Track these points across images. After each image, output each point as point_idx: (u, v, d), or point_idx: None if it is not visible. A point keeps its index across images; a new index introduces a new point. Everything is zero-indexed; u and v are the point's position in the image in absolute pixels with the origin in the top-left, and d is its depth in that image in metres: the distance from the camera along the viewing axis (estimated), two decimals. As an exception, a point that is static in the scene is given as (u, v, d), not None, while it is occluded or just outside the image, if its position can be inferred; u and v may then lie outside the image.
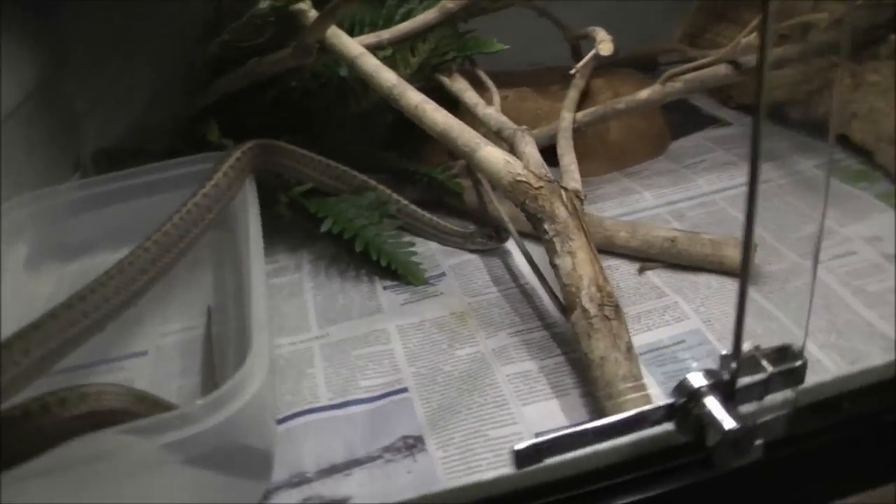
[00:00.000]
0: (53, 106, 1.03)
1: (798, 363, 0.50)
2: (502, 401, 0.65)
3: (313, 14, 0.88)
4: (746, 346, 0.48)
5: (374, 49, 0.89)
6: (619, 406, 0.58)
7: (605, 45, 0.93)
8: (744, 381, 0.49)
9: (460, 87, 0.96)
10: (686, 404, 0.50)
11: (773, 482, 0.57)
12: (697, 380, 0.50)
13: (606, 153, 1.05)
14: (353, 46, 0.85)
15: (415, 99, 0.80)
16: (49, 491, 0.48)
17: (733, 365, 0.48)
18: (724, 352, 0.49)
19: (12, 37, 0.92)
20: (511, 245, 0.86)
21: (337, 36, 0.86)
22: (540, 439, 0.46)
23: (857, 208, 0.86)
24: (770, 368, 0.49)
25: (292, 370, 0.72)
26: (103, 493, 0.50)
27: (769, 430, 0.50)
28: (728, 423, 0.48)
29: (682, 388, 0.50)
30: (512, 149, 0.78)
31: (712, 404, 0.49)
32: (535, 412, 0.64)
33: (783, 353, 0.50)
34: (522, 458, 0.46)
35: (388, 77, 0.82)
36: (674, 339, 0.71)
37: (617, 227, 0.83)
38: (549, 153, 0.86)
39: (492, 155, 0.73)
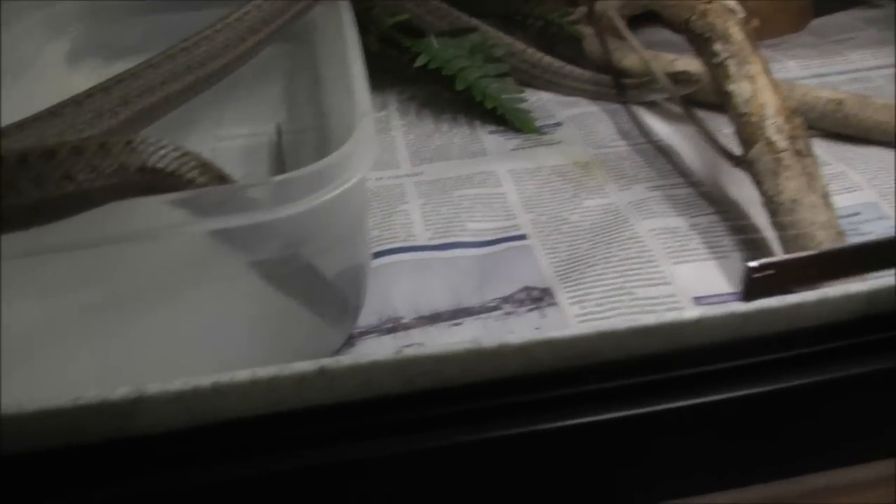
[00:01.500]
0: None
1: None
2: (649, 257, 0.50)
3: None
4: None
5: None
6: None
7: None
8: None
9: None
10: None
11: None
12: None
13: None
14: None
15: None
16: (66, 268, 0.34)
17: None
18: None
19: None
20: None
21: None
22: (778, 258, 0.31)
23: None
24: None
25: (380, 204, 0.57)
26: (133, 283, 0.36)
27: None
28: None
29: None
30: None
31: None
32: (690, 273, 0.49)
33: None
34: (754, 283, 0.31)
35: None
36: (848, 210, 0.55)
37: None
38: None
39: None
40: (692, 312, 0.33)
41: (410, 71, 0.75)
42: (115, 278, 0.38)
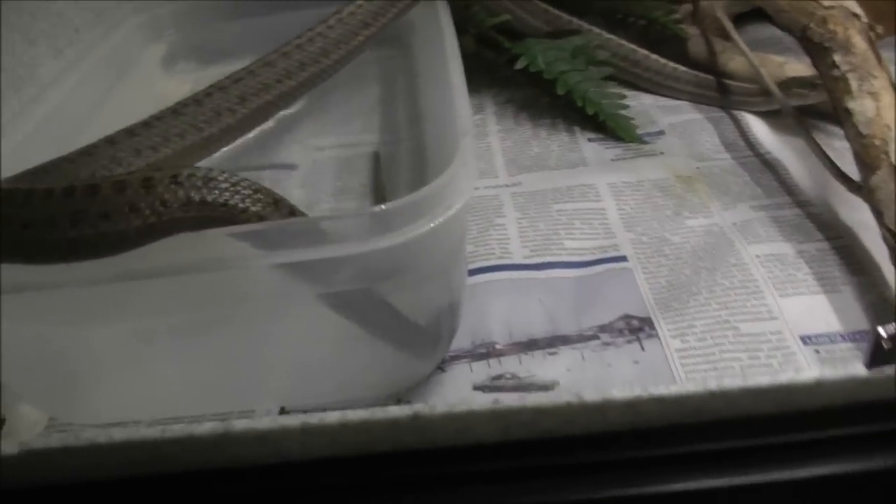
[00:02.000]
0: None
1: None
2: (755, 287, 0.47)
3: None
4: None
5: None
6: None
7: None
8: None
9: None
10: None
11: None
12: None
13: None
14: None
15: None
16: (132, 295, 0.35)
17: None
18: None
19: None
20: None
21: None
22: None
23: None
24: None
25: (476, 217, 0.56)
26: (218, 309, 0.37)
27: None
28: None
29: None
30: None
31: None
32: (797, 307, 0.46)
33: None
34: (885, 352, 0.28)
35: None
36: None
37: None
38: None
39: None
40: (809, 374, 0.31)
41: (507, 73, 0.73)
42: (199, 305, 0.38)
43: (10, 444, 0.33)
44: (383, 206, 0.35)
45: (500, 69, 0.74)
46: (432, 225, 0.36)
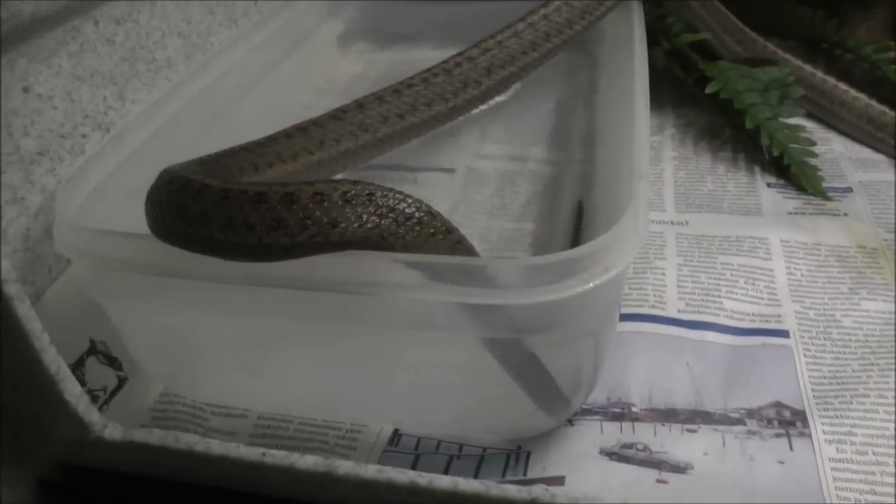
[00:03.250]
0: None
1: None
2: (934, 402, 0.42)
3: None
4: None
5: None
6: None
7: None
8: None
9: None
10: None
11: None
12: None
13: None
14: None
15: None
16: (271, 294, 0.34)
17: None
18: None
19: None
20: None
21: None
22: None
23: None
24: None
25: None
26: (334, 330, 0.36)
27: None
28: None
29: None
30: None
31: None
32: (976, 432, 0.41)
33: None
34: None
35: None
36: None
37: None
38: None
39: None
40: None
41: (694, 93, 0.68)
42: (337, 318, 0.36)
43: (116, 430, 0.33)
44: (544, 258, 0.32)
45: (687, 88, 0.69)
46: (590, 286, 0.33)
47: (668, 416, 0.41)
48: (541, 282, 0.32)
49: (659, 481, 0.38)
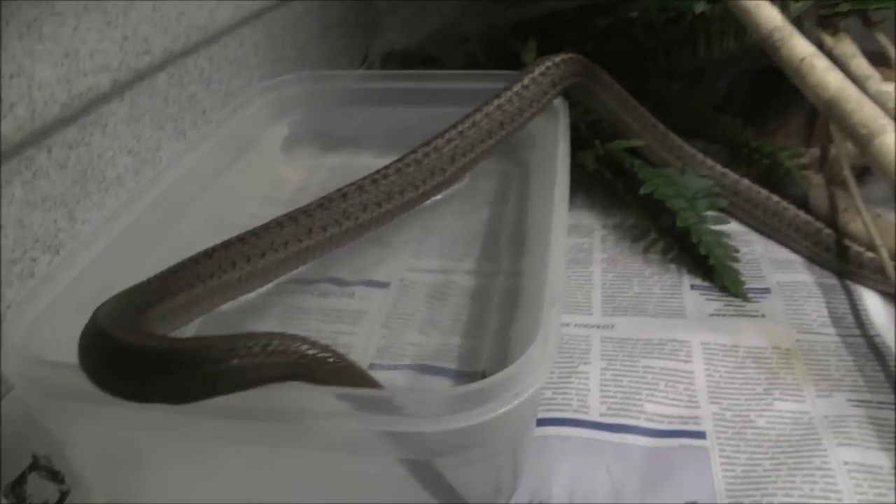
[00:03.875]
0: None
1: None
2: (836, 501, 0.44)
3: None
4: None
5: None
6: None
7: None
8: None
9: (846, 51, 0.70)
10: None
11: None
12: None
13: None
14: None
15: (803, 50, 0.57)
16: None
17: None
18: None
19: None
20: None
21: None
22: None
23: None
24: None
25: (562, 358, 0.54)
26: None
27: None
28: None
29: None
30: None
31: None
32: (883, 535, 0.43)
33: None
34: None
35: (770, 16, 0.59)
36: None
37: None
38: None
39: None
40: None
41: (622, 196, 0.71)
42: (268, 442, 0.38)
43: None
44: (459, 389, 0.35)
45: (616, 190, 0.72)
46: (502, 411, 0.35)
47: (588, 519, 0.43)
48: (456, 409, 0.35)
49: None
